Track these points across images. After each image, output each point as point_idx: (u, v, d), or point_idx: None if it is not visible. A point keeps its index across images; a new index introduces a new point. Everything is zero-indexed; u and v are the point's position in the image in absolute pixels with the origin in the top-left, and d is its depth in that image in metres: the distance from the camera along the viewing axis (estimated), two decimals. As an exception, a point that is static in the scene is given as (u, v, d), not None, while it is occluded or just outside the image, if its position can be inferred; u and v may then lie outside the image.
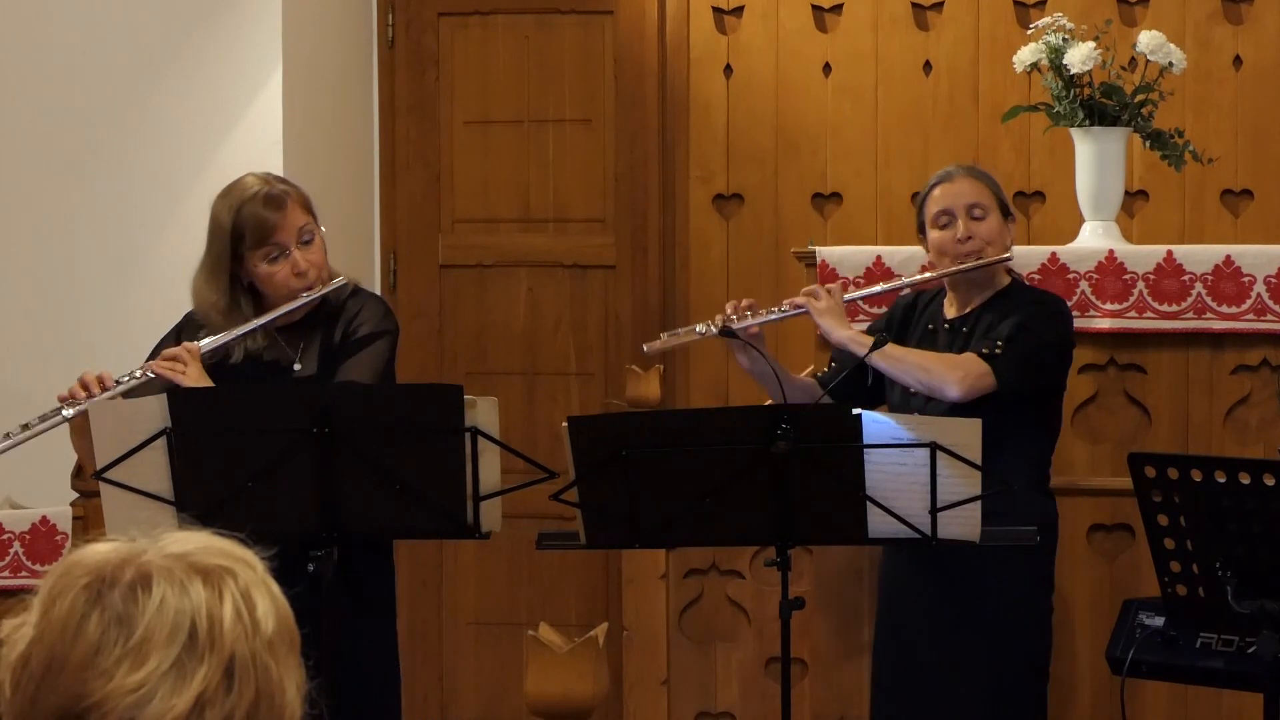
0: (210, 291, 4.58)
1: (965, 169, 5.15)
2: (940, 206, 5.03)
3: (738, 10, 6.81)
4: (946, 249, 5.00)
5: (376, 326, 4.61)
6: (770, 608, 5.09)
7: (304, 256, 4.55)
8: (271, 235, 4.54)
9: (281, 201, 4.55)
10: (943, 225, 5.01)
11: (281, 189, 4.58)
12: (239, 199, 4.57)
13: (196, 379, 4.48)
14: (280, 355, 4.62)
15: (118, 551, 1.74)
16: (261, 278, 4.56)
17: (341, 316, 4.62)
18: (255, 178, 4.63)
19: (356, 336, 4.59)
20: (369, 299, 4.70)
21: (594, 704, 4.22)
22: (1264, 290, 5.49)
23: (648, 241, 6.85)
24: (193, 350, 4.52)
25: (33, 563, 5.46)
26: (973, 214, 5.00)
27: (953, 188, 5.04)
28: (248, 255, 4.55)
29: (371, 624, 4.61)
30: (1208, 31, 6.50)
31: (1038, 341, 4.89)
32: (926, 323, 5.09)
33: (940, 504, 4.39)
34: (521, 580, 6.92)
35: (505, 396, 5.82)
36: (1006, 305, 4.97)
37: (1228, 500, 4.14)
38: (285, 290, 4.56)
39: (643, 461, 4.41)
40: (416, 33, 6.97)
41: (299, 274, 4.55)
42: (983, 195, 5.03)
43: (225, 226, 4.56)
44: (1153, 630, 4.69)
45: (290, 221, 4.55)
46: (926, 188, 5.11)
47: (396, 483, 4.22)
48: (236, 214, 4.55)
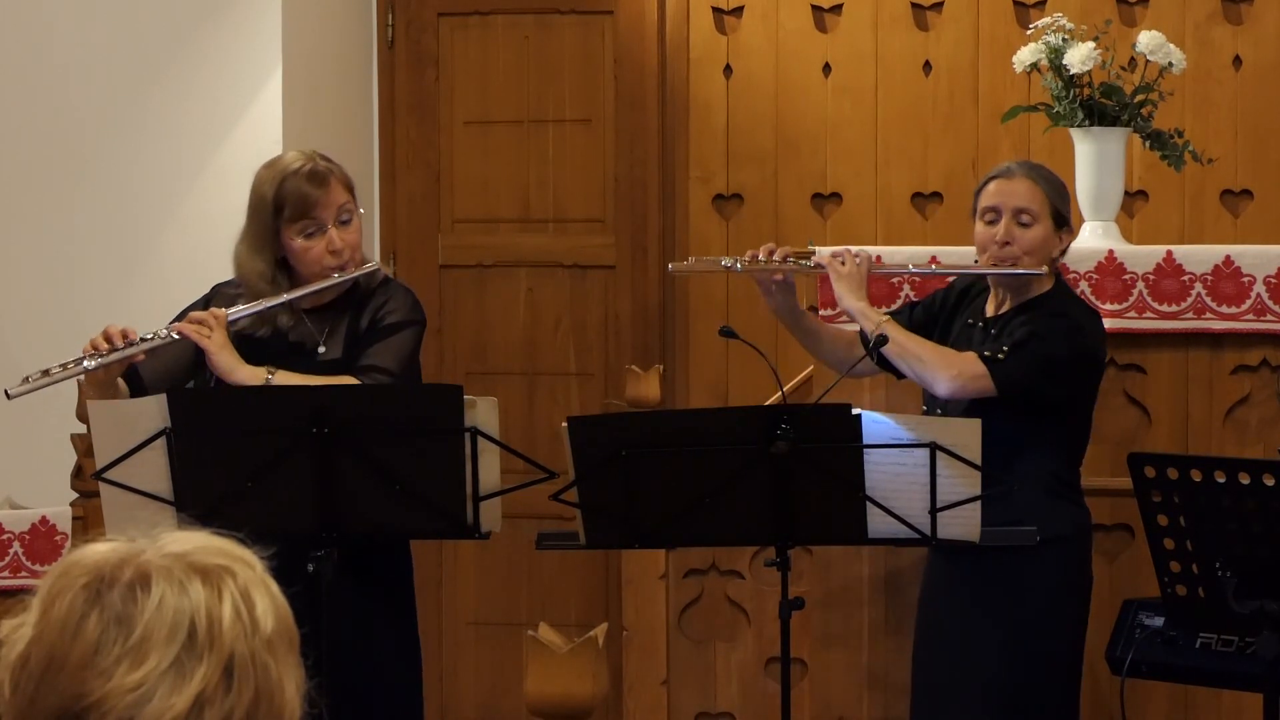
0: (256, 261, 4.58)
1: (1028, 168, 5.00)
2: (990, 202, 4.91)
3: (738, 10, 6.81)
4: (985, 246, 4.91)
5: (404, 316, 4.61)
6: (770, 608, 5.09)
7: (340, 235, 4.56)
8: (311, 210, 4.54)
9: (325, 178, 4.56)
10: (988, 221, 4.91)
11: (325, 166, 4.59)
12: (282, 171, 4.58)
13: (221, 345, 4.49)
14: (306, 337, 4.62)
15: (117, 551, 1.74)
16: (296, 252, 4.56)
17: (370, 303, 4.62)
18: (299, 153, 4.65)
19: (384, 323, 4.59)
20: (399, 288, 4.69)
21: (594, 704, 4.22)
22: (1264, 290, 5.49)
23: (648, 241, 6.85)
24: (220, 317, 4.52)
25: (32, 563, 5.47)
26: (1020, 219, 4.87)
27: (1008, 186, 4.91)
28: (284, 228, 4.56)
29: (392, 623, 4.62)
30: (1208, 31, 6.50)
31: (1046, 352, 4.78)
32: (968, 317, 5.03)
33: (940, 504, 4.39)
34: (521, 580, 6.92)
35: (505, 396, 5.82)
36: (1035, 312, 4.87)
37: (1228, 500, 4.14)
38: (318, 267, 4.56)
39: (643, 461, 4.41)
40: (416, 33, 6.98)
41: (333, 252, 4.55)
42: (1035, 200, 4.89)
43: (267, 198, 4.56)
44: (1153, 630, 4.69)
45: (331, 199, 4.56)
46: (987, 176, 5.01)
47: (396, 483, 4.22)
48: (279, 186, 4.55)
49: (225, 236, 6.35)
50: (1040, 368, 4.78)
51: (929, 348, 4.86)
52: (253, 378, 4.46)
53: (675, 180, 6.86)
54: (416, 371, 4.71)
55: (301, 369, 4.53)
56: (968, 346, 4.92)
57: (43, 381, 4.47)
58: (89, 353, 4.46)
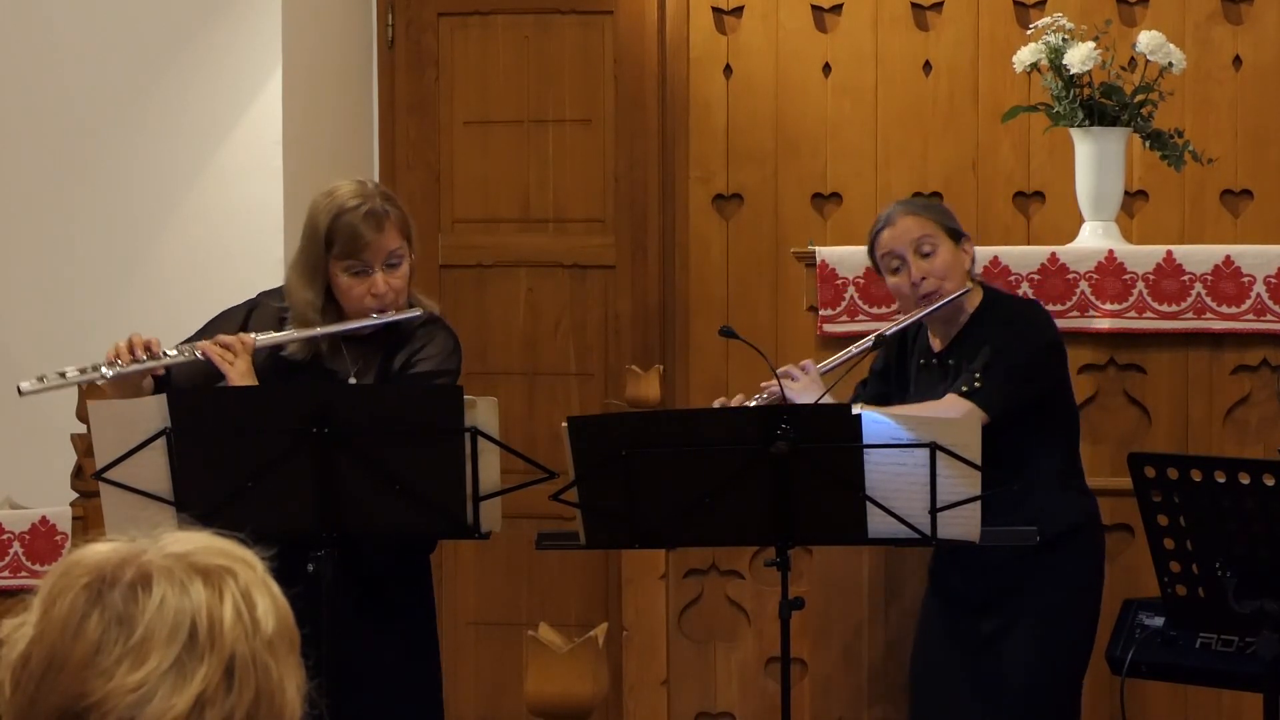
0: (307, 291, 4.54)
1: (904, 206, 5.06)
2: (887, 250, 4.95)
3: (737, 10, 6.81)
4: (905, 293, 4.95)
5: (438, 365, 4.57)
6: (770, 608, 5.09)
7: (386, 279, 4.51)
8: (361, 252, 4.49)
9: (381, 222, 4.51)
10: (895, 270, 4.95)
11: (383, 207, 4.53)
12: (340, 206, 4.52)
13: (243, 374, 4.46)
14: (340, 366, 4.59)
15: (118, 551, 1.74)
16: (339, 288, 4.53)
17: (408, 345, 4.58)
18: (359, 186, 4.57)
19: (415, 370, 4.56)
20: (439, 332, 4.64)
21: (594, 704, 4.22)
22: (1264, 290, 5.49)
23: (647, 242, 6.85)
24: (247, 344, 4.49)
25: (32, 563, 5.46)
26: (921, 250, 4.92)
27: (895, 230, 4.95)
28: (332, 262, 4.52)
29: (409, 627, 4.62)
30: (1208, 31, 6.50)
31: (1014, 361, 4.84)
32: (919, 357, 5.07)
33: (940, 504, 4.40)
34: (521, 580, 6.92)
35: (505, 396, 5.81)
36: (982, 331, 4.92)
37: (1228, 500, 4.14)
38: (358, 307, 4.52)
39: (643, 461, 4.41)
40: (416, 33, 6.97)
41: (375, 295, 4.51)
42: (926, 228, 4.94)
43: (320, 230, 4.51)
44: (1153, 630, 4.69)
45: (384, 244, 4.51)
46: (872, 233, 5.03)
47: (396, 483, 4.22)
48: (333, 220, 4.50)
49: (225, 237, 6.40)
50: (1015, 379, 4.83)
51: (911, 410, 4.86)
52: None
53: (675, 180, 6.86)
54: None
55: None
56: (929, 387, 4.97)
57: (57, 383, 4.44)
58: (110, 360, 4.43)
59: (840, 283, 5.68)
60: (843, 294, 5.69)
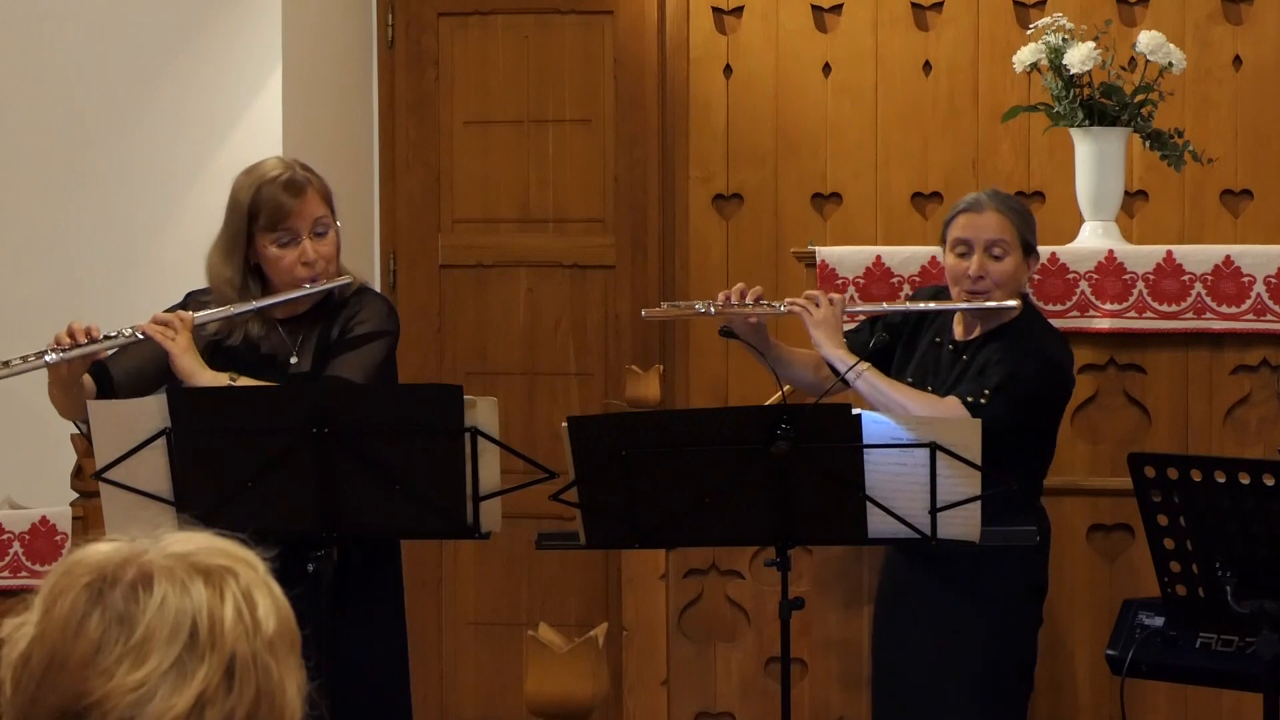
0: (225, 268, 4.56)
1: (997, 200, 5.00)
2: (960, 235, 4.94)
3: (737, 10, 6.81)
4: (958, 279, 4.94)
5: (375, 326, 4.58)
6: (770, 608, 5.09)
7: (314, 247, 4.53)
8: (285, 220, 4.52)
9: (301, 188, 4.54)
10: (959, 254, 4.94)
11: (303, 175, 4.57)
12: (259, 178, 4.56)
13: (185, 348, 4.46)
14: (279, 348, 4.60)
15: (119, 551, 1.74)
16: (269, 261, 4.54)
17: (342, 312, 4.59)
18: (279, 160, 4.63)
19: (352, 334, 4.56)
20: (373, 297, 4.66)
21: (594, 704, 4.22)
22: (1264, 290, 5.49)
23: (647, 241, 6.85)
24: (185, 319, 4.50)
25: (32, 563, 5.46)
26: (991, 252, 4.91)
27: (978, 220, 4.94)
28: (259, 236, 4.53)
29: (378, 622, 4.61)
30: (1208, 31, 6.50)
31: (1025, 394, 4.84)
32: (935, 336, 5.05)
33: (940, 504, 4.40)
34: (521, 580, 6.92)
35: (505, 396, 5.82)
36: (1010, 344, 4.90)
37: (1228, 500, 4.14)
38: (289, 278, 4.54)
39: (642, 461, 4.41)
40: (416, 33, 6.98)
41: (306, 263, 4.52)
42: (1006, 232, 4.92)
43: (242, 204, 4.54)
44: (1153, 630, 4.69)
45: (307, 209, 4.53)
46: (955, 209, 5.02)
47: (396, 483, 4.22)
48: (255, 193, 4.53)
49: (225, 236, 6.39)
50: (1021, 410, 4.83)
51: (912, 396, 4.86)
52: (214, 383, 4.45)
53: (675, 180, 6.87)
54: (392, 382, 4.68)
55: (272, 380, 4.51)
56: (935, 368, 4.97)
57: (2, 373, 4.45)
58: (52, 347, 4.44)
59: (840, 283, 5.69)
60: (843, 294, 5.69)
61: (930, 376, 4.99)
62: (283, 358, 4.58)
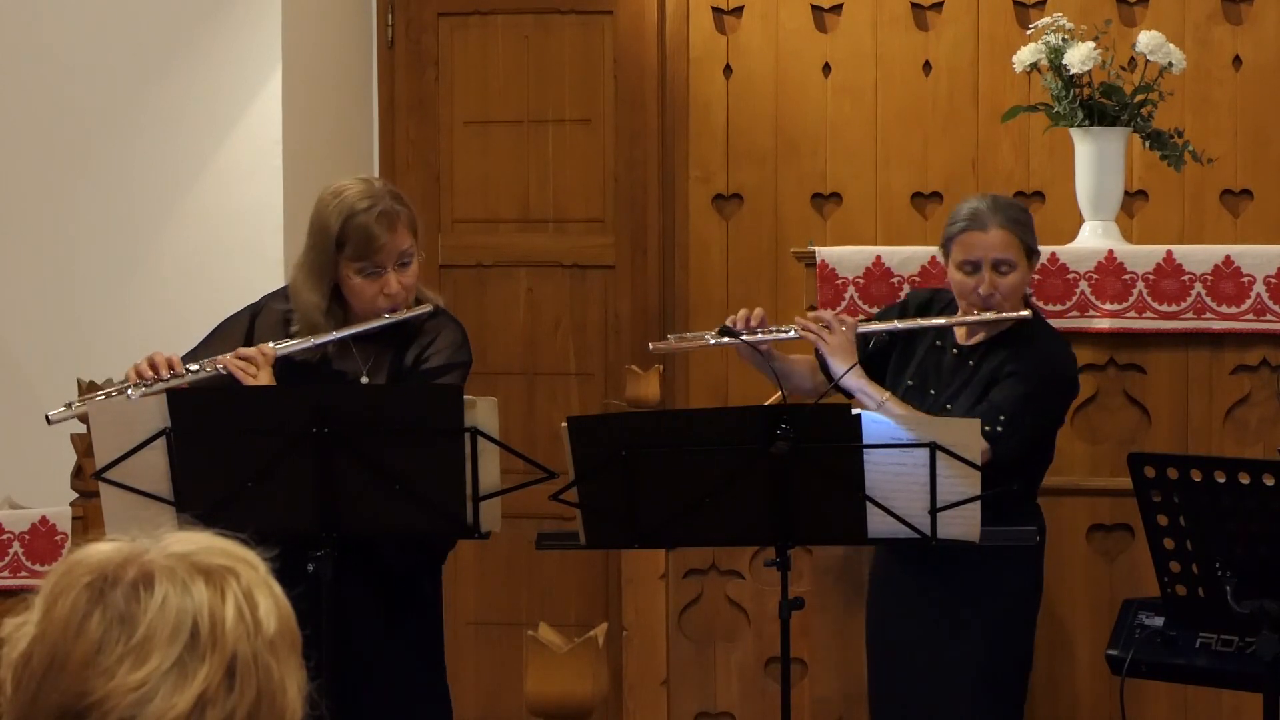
0: (312, 293, 4.52)
1: (1000, 215, 4.94)
2: (967, 255, 4.91)
3: (737, 10, 6.81)
4: (966, 294, 4.93)
5: (449, 358, 4.56)
6: (770, 608, 5.09)
7: (398, 279, 4.50)
8: (375, 254, 4.47)
9: (394, 223, 4.48)
10: (967, 272, 4.92)
11: (395, 208, 4.50)
12: (351, 207, 4.49)
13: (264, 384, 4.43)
14: (351, 367, 4.58)
15: (120, 551, 1.74)
16: (351, 289, 4.51)
17: (417, 340, 4.57)
18: (368, 185, 4.54)
19: (427, 365, 4.55)
20: (448, 325, 4.63)
21: (594, 704, 4.22)
22: (1264, 290, 5.49)
23: (647, 241, 6.85)
24: (268, 354, 4.47)
25: (32, 563, 5.46)
26: (999, 269, 4.90)
27: (984, 239, 4.90)
28: (344, 263, 4.50)
29: (420, 628, 4.62)
30: (1208, 31, 6.50)
31: (1039, 419, 4.87)
32: (935, 339, 5.04)
33: (940, 504, 4.40)
34: (521, 580, 6.92)
35: (505, 396, 5.82)
36: (1017, 351, 4.91)
37: (1227, 500, 4.14)
38: (370, 307, 4.51)
39: (643, 461, 4.41)
40: (416, 33, 6.97)
41: (388, 295, 4.50)
42: (1012, 248, 4.90)
43: (331, 231, 4.49)
44: (1153, 630, 4.69)
45: (397, 244, 4.49)
46: (957, 223, 4.95)
47: (396, 483, 4.22)
48: (345, 221, 4.47)
49: (225, 236, 6.40)
50: (1037, 434, 4.87)
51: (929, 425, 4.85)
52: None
53: (675, 180, 6.86)
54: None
55: None
56: (938, 372, 4.97)
57: (83, 409, 4.42)
58: (134, 381, 4.42)
59: (840, 283, 5.69)
60: (842, 294, 5.69)
61: (933, 380, 4.99)
62: (354, 376, 4.56)
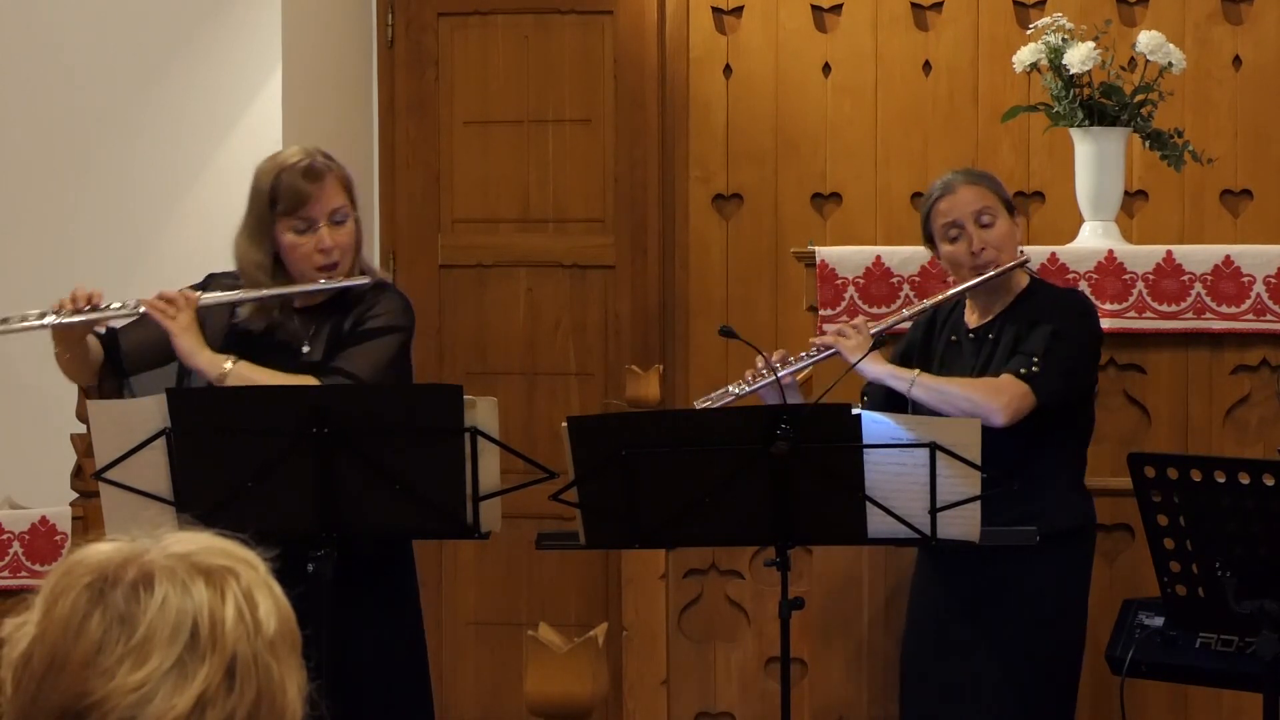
0: (255, 252, 4.55)
1: (964, 175, 5.05)
2: (947, 219, 4.94)
3: (737, 10, 6.81)
4: (961, 261, 4.93)
5: (388, 321, 4.56)
6: (770, 608, 5.09)
7: (331, 235, 4.52)
8: (303, 207, 4.51)
9: (320, 175, 4.53)
10: (953, 239, 4.94)
11: (323, 163, 4.56)
12: (280, 164, 4.56)
13: (184, 327, 4.47)
14: (293, 336, 4.58)
15: (120, 551, 1.74)
16: (285, 247, 4.53)
17: (357, 307, 4.58)
18: (301, 148, 4.63)
19: (365, 327, 4.55)
20: (390, 293, 4.64)
21: (594, 704, 4.22)
22: (1263, 290, 5.49)
23: (647, 241, 6.85)
24: (191, 299, 4.51)
25: (32, 563, 5.47)
26: (981, 221, 4.92)
27: (956, 199, 4.95)
28: (277, 222, 4.53)
29: (393, 625, 4.61)
30: (1207, 31, 6.50)
31: (1073, 350, 4.86)
32: (949, 334, 5.04)
33: (940, 504, 4.40)
34: (521, 580, 6.92)
35: (505, 396, 5.82)
36: (1032, 310, 4.92)
37: (1227, 500, 4.14)
38: (306, 265, 4.53)
39: (642, 461, 4.41)
40: (416, 33, 6.98)
41: (322, 250, 4.51)
42: (987, 198, 4.95)
43: (263, 190, 4.54)
44: (1153, 630, 4.69)
45: (326, 197, 4.52)
46: (929, 200, 5.01)
47: (396, 483, 4.22)
48: (275, 179, 4.53)
49: (225, 235, 6.37)
50: (1073, 369, 4.86)
51: (970, 384, 4.84)
52: (211, 364, 4.45)
53: (675, 180, 6.87)
54: (408, 378, 4.67)
55: (284, 368, 4.50)
56: (958, 363, 4.96)
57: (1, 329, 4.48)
58: (55, 309, 4.47)
59: (840, 283, 5.69)
60: (842, 294, 5.69)
61: (956, 368, 4.98)
62: (296, 345, 4.58)
